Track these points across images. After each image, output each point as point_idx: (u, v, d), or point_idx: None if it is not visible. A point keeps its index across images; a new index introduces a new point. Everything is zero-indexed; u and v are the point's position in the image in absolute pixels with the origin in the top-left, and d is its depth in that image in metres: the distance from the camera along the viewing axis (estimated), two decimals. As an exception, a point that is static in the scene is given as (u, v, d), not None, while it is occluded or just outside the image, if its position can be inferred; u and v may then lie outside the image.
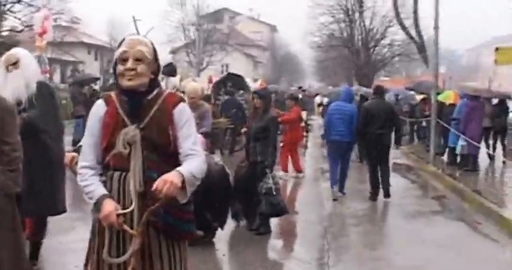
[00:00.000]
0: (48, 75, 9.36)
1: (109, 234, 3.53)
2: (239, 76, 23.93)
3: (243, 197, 8.51)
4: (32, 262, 5.85)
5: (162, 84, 11.57)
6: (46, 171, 5.82)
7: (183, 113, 3.67)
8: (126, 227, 3.48)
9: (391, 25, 40.99)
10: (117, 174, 3.60)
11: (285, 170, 14.28)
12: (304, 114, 26.50)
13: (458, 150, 15.09)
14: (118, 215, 3.47)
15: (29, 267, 4.61)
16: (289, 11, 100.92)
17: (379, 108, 11.54)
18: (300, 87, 37.70)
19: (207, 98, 15.24)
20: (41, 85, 5.95)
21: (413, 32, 26.16)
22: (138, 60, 3.53)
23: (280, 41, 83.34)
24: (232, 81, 22.75)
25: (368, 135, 11.50)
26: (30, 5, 32.18)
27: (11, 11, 32.64)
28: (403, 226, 9.80)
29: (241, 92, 22.07)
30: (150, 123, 3.58)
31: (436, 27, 16.68)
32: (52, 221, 6.56)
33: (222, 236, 8.24)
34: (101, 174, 3.69)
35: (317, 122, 31.00)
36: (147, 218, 3.47)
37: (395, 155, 19.75)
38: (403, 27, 25.61)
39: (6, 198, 4.19)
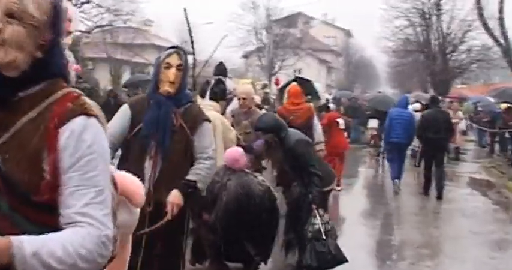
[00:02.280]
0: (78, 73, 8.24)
1: None
2: (308, 80, 22.46)
3: (295, 224, 6.78)
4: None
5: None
6: None
7: (81, 139, 1.85)
8: None
9: (470, 29, 38.87)
10: None
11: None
12: (376, 122, 25.16)
13: None
14: None
15: None
16: (364, 15, 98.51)
17: (436, 116, 12.89)
18: (379, 92, 36.16)
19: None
20: None
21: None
22: (9, 16, 1.83)
23: (355, 46, 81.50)
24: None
25: (425, 140, 13.14)
26: (99, 6, 31.68)
27: (81, 12, 32.16)
28: (488, 262, 8.20)
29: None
30: (11, 143, 1.84)
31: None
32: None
33: (266, 271, 6.84)
34: None
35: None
36: None
37: (474, 169, 18.09)
38: (487, 29, 23.32)
39: None
